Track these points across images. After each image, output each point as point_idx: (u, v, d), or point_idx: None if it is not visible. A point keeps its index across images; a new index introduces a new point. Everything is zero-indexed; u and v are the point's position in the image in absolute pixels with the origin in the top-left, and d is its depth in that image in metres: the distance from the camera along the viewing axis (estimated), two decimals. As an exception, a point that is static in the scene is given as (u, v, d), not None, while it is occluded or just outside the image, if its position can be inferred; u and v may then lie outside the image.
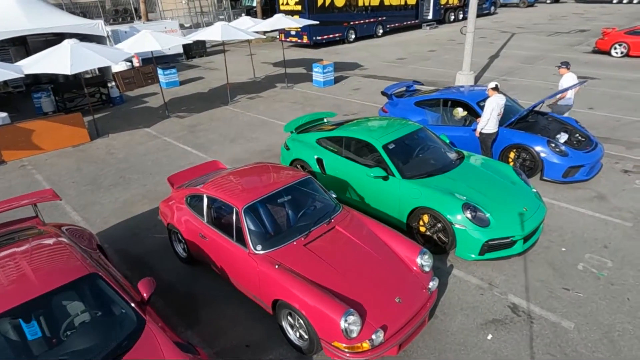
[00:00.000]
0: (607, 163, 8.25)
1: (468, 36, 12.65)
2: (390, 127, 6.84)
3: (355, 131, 6.82)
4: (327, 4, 22.89)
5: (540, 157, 7.41)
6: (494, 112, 7.40)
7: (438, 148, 6.77)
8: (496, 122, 7.49)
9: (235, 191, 5.03)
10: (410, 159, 6.44)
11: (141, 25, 20.78)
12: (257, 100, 13.98)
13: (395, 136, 6.53)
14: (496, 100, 7.38)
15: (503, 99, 7.47)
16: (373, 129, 6.88)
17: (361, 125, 7.14)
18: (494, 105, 7.36)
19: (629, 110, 11.14)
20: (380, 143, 6.35)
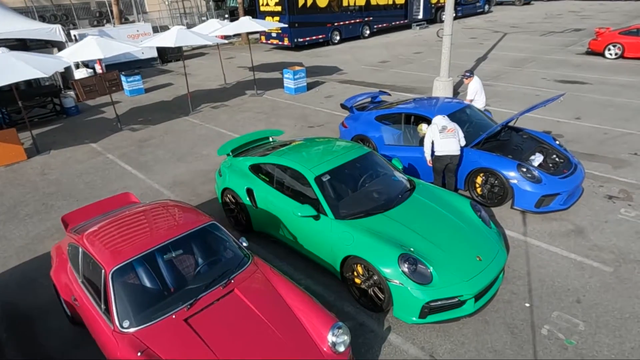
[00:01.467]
0: (590, 186, 7.23)
1: (445, 40, 11.62)
2: (331, 152, 5.84)
3: (289, 157, 5.81)
4: (309, 5, 21.86)
5: (509, 184, 6.39)
6: (435, 137, 6.52)
7: (385, 178, 5.77)
8: (450, 142, 6.46)
9: (110, 245, 4.05)
10: (348, 193, 5.44)
11: (112, 28, 19.81)
12: (220, 110, 13.00)
13: (333, 165, 5.53)
14: (433, 121, 6.58)
15: (444, 121, 6.53)
16: (310, 155, 5.88)
17: (298, 149, 6.14)
18: (432, 132, 6.56)
19: (619, 120, 10.09)
20: (312, 174, 5.35)
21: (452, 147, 6.45)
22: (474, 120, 7.78)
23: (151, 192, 8.04)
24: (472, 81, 9.04)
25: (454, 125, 6.49)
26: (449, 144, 6.41)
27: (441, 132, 6.41)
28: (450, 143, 6.41)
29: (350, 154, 5.77)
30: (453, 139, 6.42)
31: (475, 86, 9.05)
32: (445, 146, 6.43)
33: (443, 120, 6.47)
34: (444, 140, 6.41)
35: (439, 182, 6.87)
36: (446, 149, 6.43)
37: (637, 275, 5.18)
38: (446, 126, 6.43)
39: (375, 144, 7.95)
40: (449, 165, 6.62)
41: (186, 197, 7.76)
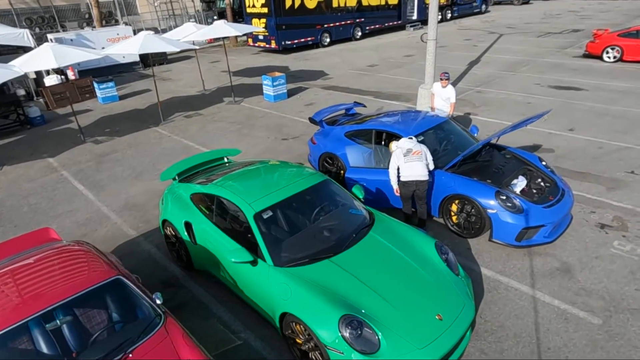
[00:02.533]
0: (580, 212, 6.47)
1: (429, 45, 10.85)
2: (279, 182, 5.09)
3: (230, 188, 5.06)
4: (297, 6, 21.11)
5: (487, 213, 5.63)
6: (399, 161, 5.77)
7: (340, 213, 5.02)
8: (416, 166, 5.70)
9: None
10: (293, 233, 4.68)
11: (90, 32, 19.10)
12: (193, 120, 12.25)
13: (279, 198, 4.78)
14: (397, 144, 5.83)
15: (409, 143, 5.78)
16: (254, 185, 5.14)
17: (244, 178, 5.40)
18: (396, 156, 5.80)
19: (616, 132, 9.31)
20: (252, 210, 4.60)
21: (418, 172, 5.69)
22: (453, 137, 7.04)
23: (97, 218, 7.30)
24: (448, 85, 8.34)
25: (421, 147, 5.74)
26: (415, 168, 5.66)
27: (406, 155, 5.68)
28: (416, 167, 5.66)
29: (300, 184, 5.02)
30: (419, 162, 5.67)
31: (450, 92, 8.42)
32: (410, 170, 5.68)
33: (409, 142, 5.74)
34: (409, 165, 5.67)
35: (408, 209, 6.12)
36: (412, 173, 5.68)
37: (629, 328, 4.42)
38: (411, 149, 5.69)
39: (344, 164, 7.19)
40: (417, 192, 5.85)
41: (134, 223, 7.02)
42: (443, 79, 8.32)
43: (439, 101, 8.45)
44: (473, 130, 7.41)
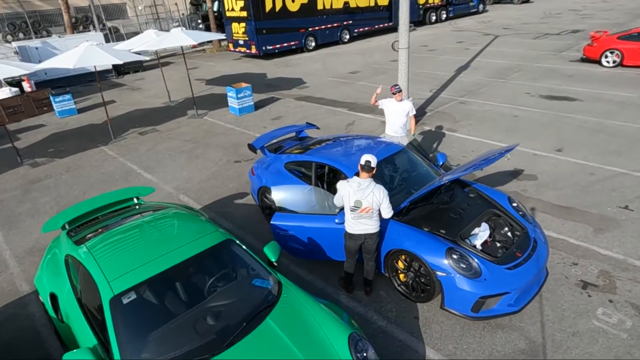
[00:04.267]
0: (560, 264, 5.31)
1: (401, 54, 9.70)
2: (161, 246, 3.98)
3: (97, 254, 3.96)
4: (278, 9, 20.01)
5: (436, 276, 4.49)
6: (346, 210, 4.58)
7: (235, 288, 3.90)
8: (365, 223, 4.55)
9: None
10: (164, 321, 3.57)
11: (57, 39, 18.11)
12: (146, 137, 11.19)
13: (153, 271, 3.68)
14: (346, 189, 4.48)
15: (358, 193, 4.40)
16: (129, 250, 4.04)
17: (121, 238, 4.29)
18: (342, 192, 4.54)
19: (610, 154, 8.11)
20: (110, 292, 3.51)
21: (368, 226, 4.55)
22: (410, 171, 5.91)
23: (-7, 266, 6.24)
24: (403, 98, 7.20)
25: (374, 196, 4.42)
26: (364, 225, 4.53)
27: (353, 210, 4.46)
28: (365, 223, 4.52)
29: (188, 249, 3.91)
30: (369, 219, 4.51)
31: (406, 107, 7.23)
32: (358, 226, 4.54)
33: (357, 192, 4.40)
34: (356, 221, 4.51)
35: (351, 267, 4.95)
36: (359, 228, 4.55)
37: None
38: (359, 203, 4.39)
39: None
40: (365, 244, 4.71)
41: (32, 275, 5.94)
42: (396, 93, 7.10)
43: (398, 120, 7.20)
44: (439, 159, 6.25)
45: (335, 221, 4.93)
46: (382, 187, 4.44)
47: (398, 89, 7.05)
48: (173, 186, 8.30)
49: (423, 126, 10.33)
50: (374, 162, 4.30)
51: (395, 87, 7.03)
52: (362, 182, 4.38)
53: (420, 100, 12.36)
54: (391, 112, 7.17)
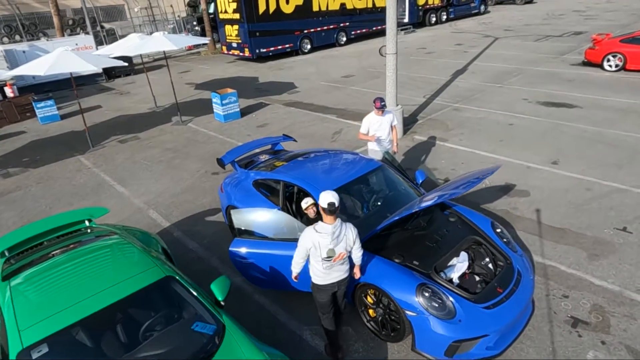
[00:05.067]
0: (549, 297, 4.80)
1: (389, 60, 9.20)
2: (88, 285, 3.52)
3: (17, 295, 3.50)
4: (272, 11, 19.57)
5: (406, 316, 4.00)
6: (314, 258, 3.88)
7: (169, 336, 3.42)
8: (337, 270, 3.96)
9: None
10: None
11: (45, 42, 17.77)
12: (126, 146, 10.77)
13: (73, 318, 3.22)
14: (315, 240, 3.74)
15: (329, 240, 3.73)
16: (52, 290, 3.57)
17: (45, 276, 3.82)
18: (308, 244, 3.79)
19: (609, 167, 7.59)
20: (18, 344, 3.05)
21: (342, 273, 4.01)
22: (386, 191, 5.42)
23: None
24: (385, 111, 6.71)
25: (347, 239, 3.82)
26: (337, 272, 3.95)
27: (326, 261, 3.82)
28: (338, 271, 3.96)
29: (120, 289, 3.45)
30: (341, 265, 3.97)
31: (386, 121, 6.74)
32: (329, 276, 3.94)
33: (328, 237, 3.69)
34: (328, 271, 3.92)
35: (330, 323, 4.21)
36: (331, 278, 3.96)
37: None
38: (332, 253, 3.75)
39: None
40: (339, 292, 4.18)
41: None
42: (381, 108, 6.58)
43: (382, 133, 6.72)
44: (418, 178, 5.76)
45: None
46: (351, 225, 3.88)
47: (384, 104, 6.55)
48: (144, 200, 7.86)
49: (413, 135, 9.84)
50: (337, 201, 3.63)
51: (380, 102, 6.52)
52: (334, 229, 3.68)
53: (413, 106, 11.87)
54: (376, 128, 6.67)
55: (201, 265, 5.88)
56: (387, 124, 6.73)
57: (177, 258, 5.97)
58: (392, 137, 6.88)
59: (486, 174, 4.44)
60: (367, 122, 6.69)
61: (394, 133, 6.90)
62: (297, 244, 3.83)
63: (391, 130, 6.83)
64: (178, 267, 5.65)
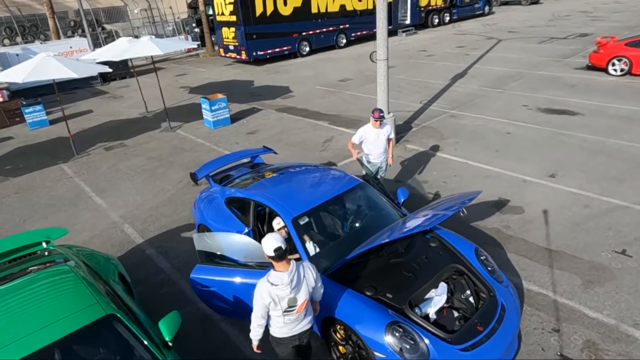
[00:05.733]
0: (537, 330, 4.41)
1: (380, 66, 8.82)
2: (11, 333, 3.18)
3: None
4: (269, 13, 19.24)
5: (374, 357, 3.63)
6: (274, 312, 3.40)
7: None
8: (299, 320, 3.49)
9: None
10: None
11: (39, 45, 17.57)
12: (111, 153, 10.48)
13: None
14: (271, 293, 3.26)
15: (290, 280, 3.25)
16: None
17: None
18: (266, 300, 3.29)
19: (610, 181, 7.15)
20: None
21: (306, 322, 3.57)
22: (365, 212, 5.05)
23: None
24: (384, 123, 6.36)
25: (308, 286, 3.40)
26: (300, 322, 3.52)
27: (288, 312, 3.35)
28: (302, 321, 3.52)
29: (53, 332, 3.11)
30: (305, 315, 3.52)
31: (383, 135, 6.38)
32: (289, 327, 3.49)
33: (286, 287, 3.23)
34: (291, 324, 3.48)
35: None
36: (291, 329, 3.51)
37: None
38: (295, 302, 3.32)
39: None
40: (302, 343, 3.69)
41: None
42: (380, 119, 6.23)
43: (379, 146, 6.37)
44: (400, 196, 5.38)
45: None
46: (308, 263, 3.48)
47: (382, 116, 6.19)
48: (121, 213, 7.54)
49: (405, 144, 9.45)
50: (283, 244, 3.21)
51: (379, 113, 6.15)
52: (290, 275, 3.24)
53: (408, 113, 11.48)
54: (372, 140, 6.30)
55: (169, 288, 5.54)
56: (384, 137, 6.38)
57: (144, 281, 5.67)
58: (388, 150, 6.51)
59: (465, 200, 4.04)
60: (362, 133, 6.34)
61: (391, 146, 6.53)
62: (252, 303, 3.39)
63: (387, 143, 6.46)
64: (142, 292, 5.36)
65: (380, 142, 6.36)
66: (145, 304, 5.25)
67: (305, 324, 3.54)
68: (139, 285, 5.63)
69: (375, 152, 6.38)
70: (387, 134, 6.42)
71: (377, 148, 6.36)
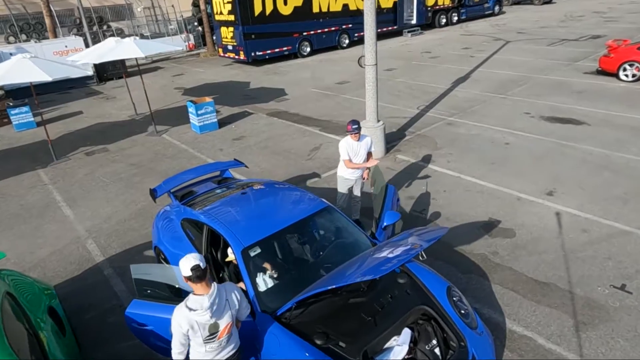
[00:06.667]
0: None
1: (368, 71, 8.28)
2: None
3: None
4: (269, 13, 18.75)
5: (316, 421, 3.12)
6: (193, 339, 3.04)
7: None
8: (226, 347, 3.15)
9: None
10: None
11: (33, 44, 17.32)
12: (91, 159, 10.09)
13: None
14: (189, 320, 2.94)
15: (210, 304, 2.94)
16: None
17: None
18: (184, 327, 2.97)
19: (613, 201, 6.53)
20: None
21: (231, 348, 3.18)
22: (330, 240, 4.54)
23: None
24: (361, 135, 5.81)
25: (232, 308, 3.11)
26: (224, 349, 3.12)
27: (209, 340, 3.02)
28: (225, 347, 3.13)
29: None
30: (230, 342, 3.14)
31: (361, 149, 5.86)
32: (212, 357, 3.09)
33: (206, 312, 2.93)
34: (214, 352, 3.09)
35: None
36: (215, 357, 3.11)
37: None
38: (217, 327, 3.01)
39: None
40: None
41: None
42: (353, 132, 5.69)
43: (357, 160, 5.83)
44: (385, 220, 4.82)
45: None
46: (231, 284, 3.18)
47: (357, 128, 5.62)
48: (87, 226, 7.13)
49: (396, 154, 8.90)
50: (202, 262, 2.92)
51: (352, 125, 5.60)
52: (211, 298, 2.92)
53: (403, 119, 10.93)
54: (354, 154, 5.77)
55: (119, 316, 5.06)
56: (364, 150, 5.84)
57: (95, 306, 5.26)
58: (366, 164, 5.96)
59: (431, 239, 3.50)
60: (346, 147, 5.79)
61: (369, 161, 5.98)
62: (170, 329, 2.99)
63: (367, 157, 5.93)
64: (91, 320, 4.94)
65: (358, 157, 5.83)
66: (88, 334, 4.84)
67: (229, 351, 3.18)
68: (89, 312, 5.23)
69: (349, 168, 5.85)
70: (367, 147, 5.90)
71: (355, 162, 5.83)
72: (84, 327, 4.96)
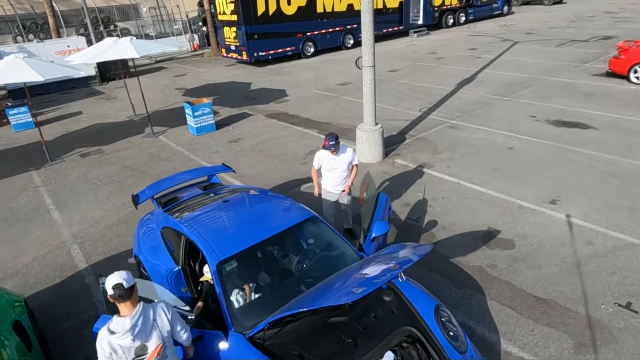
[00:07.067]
0: (510, 413, 3.56)
1: (366, 73, 8.02)
2: None
3: None
4: (272, 12, 18.54)
5: None
6: None
7: None
8: None
9: None
10: None
11: (35, 44, 17.28)
12: (86, 160, 9.95)
13: None
14: (109, 344, 2.75)
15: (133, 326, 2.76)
16: None
17: None
18: (106, 352, 2.76)
19: (621, 211, 6.20)
20: None
21: None
22: (314, 253, 4.28)
23: None
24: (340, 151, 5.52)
25: (162, 330, 2.90)
26: None
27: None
28: None
29: None
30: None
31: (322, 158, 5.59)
32: None
33: (127, 335, 2.75)
34: None
35: None
36: None
37: None
38: (145, 350, 2.82)
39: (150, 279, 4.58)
40: None
41: None
42: (330, 149, 5.37)
43: (335, 174, 5.56)
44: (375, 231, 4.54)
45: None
46: (160, 304, 2.98)
47: (334, 143, 5.32)
48: (74, 231, 6.96)
49: (394, 158, 8.62)
50: (126, 281, 2.77)
51: (329, 141, 5.31)
52: (133, 319, 2.76)
53: (405, 122, 10.64)
54: (328, 167, 5.52)
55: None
56: (343, 165, 5.54)
57: (72, 316, 5.07)
58: (349, 177, 5.68)
59: (416, 256, 3.23)
60: (318, 159, 5.55)
61: (353, 174, 5.70)
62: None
63: (349, 171, 5.64)
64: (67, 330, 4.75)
65: (337, 171, 5.54)
66: (62, 346, 4.64)
67: None
68: (66, 322, 5.03)
69: (330, 181, 5.58)
70: (347, 162, 5.57)
71: (334, 178, 5.56)
72: (60, 339, 4.76)
